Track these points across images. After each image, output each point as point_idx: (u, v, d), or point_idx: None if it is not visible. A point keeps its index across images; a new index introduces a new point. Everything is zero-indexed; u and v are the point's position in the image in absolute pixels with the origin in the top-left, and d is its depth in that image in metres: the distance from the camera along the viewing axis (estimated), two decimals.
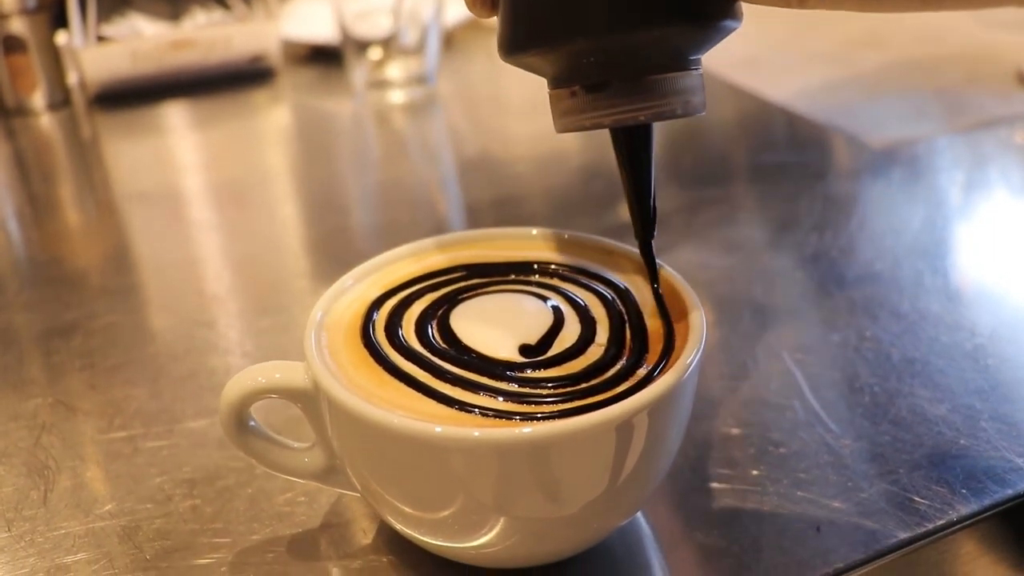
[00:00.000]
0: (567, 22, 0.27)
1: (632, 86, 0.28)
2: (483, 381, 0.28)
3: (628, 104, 0.28)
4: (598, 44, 0.27)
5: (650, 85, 0.28)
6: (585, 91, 0.28)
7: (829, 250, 0.53)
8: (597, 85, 0.28)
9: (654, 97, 0.28)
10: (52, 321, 0.52)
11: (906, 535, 0.33)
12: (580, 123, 0.29)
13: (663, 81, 0.28)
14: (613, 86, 0.28)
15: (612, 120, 0.28)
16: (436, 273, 0.34)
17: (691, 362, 0.28)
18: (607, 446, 0.27)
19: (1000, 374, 0.41)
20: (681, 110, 0.28)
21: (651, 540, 0.33)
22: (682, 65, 0.28)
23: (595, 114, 0.28)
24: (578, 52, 0.28)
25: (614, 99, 0.28)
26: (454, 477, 0.27)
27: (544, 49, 0.28)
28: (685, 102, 0.28)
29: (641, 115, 0.28)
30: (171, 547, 0.34)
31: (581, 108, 0.29)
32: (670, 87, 0.28)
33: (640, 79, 0.28)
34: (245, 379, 0.30)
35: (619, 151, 0.31)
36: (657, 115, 0.28)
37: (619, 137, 0.31)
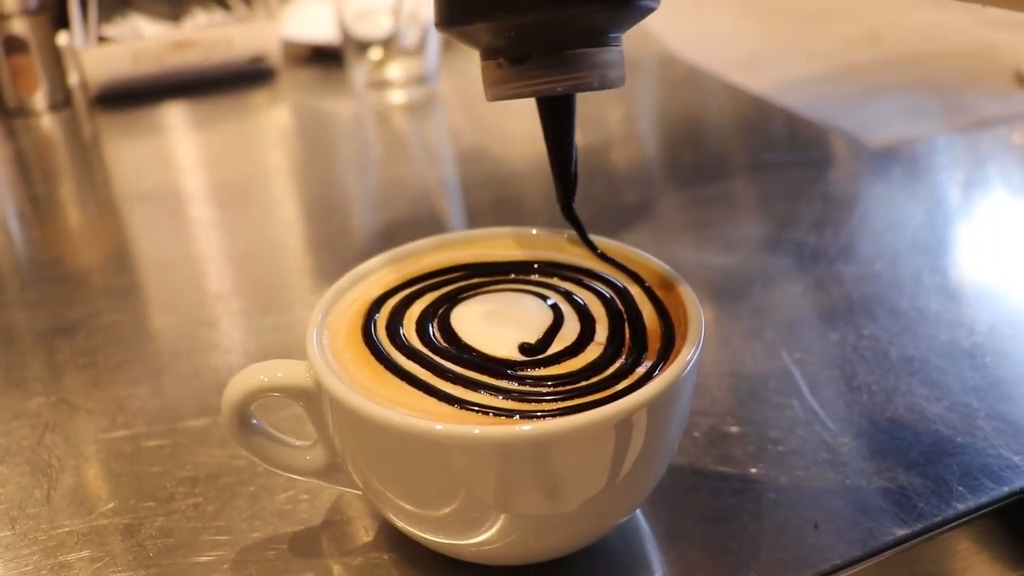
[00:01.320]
0: (495, 1, 0.29)
1: (551, 59, 0.30)
2: (483, 379, 0.29)
3: (547, 76, 0.30)
4: (520, 20, 0.29)
5: (568, 59, 0.30)
6: (509, 63, 0.31)
7: (828, 249, 0.53)
8: (519, 58, 0.30)
9: (571, 70, 0.30)
10: (54, 320, 0.52)
11: (903, 532, 0.33)
12: (504, 92, 0.31)
13: (580, 56, 0.30)
14: (533, 59, 0.30)
15: (531, 91, 0.31)
16: (437, 272, 0.35)
17: (690, 360, 0.28)
18: (606, 444, 0.27)
19: (998, 372, 0.41)
20: (598, 83, 0.31)
21: (650, 537, 0.34)
22: (600, 41, 0.30)
23: (517, 84, 0.31)
24: (502, 27, 0.30)
25: (534, 71, 0.30)
26: (455, 475, 0.27)
27: (472, 24, 0.30)
28: (602, 75, 0.31)
29: (558, 87, 0.30)
30: (173, 545, 0.34)
31: (505, 79, 0.31)
32: (587, 61, 0.30)
33: (558, 53, 0.30)
34: (247, 378, 0.31)
35: (543, 120, 0.33)
36: (574, 87, 0.31)
37: (542, 107, 0.33)
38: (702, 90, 0.90)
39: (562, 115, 0.33)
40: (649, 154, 0.78)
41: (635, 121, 0.87)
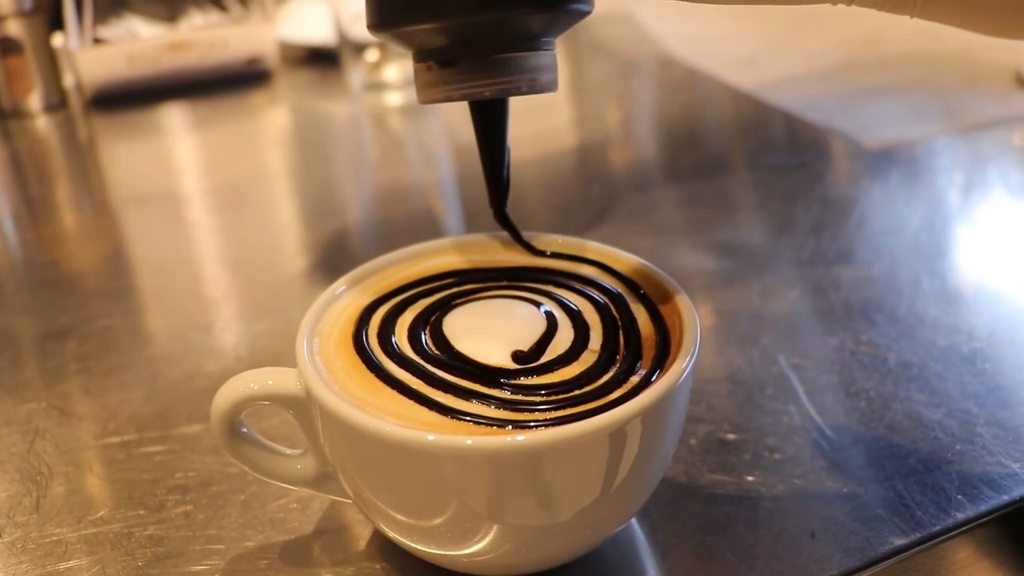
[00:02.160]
0: (420, 5, 0.29)
1: (479, 63, 0.30)
2: (476, 388, 0.28)
3: (475, 80, 0.30)
4: (448, 25, 0.29)
5: (496, 63, 0.30)
6: (439, 66, 0.31)
7: (826, 253, 0.53)
8: (449, 61, 0.30)
9: (500, 74, 0.30)
10: (47, 324, 0.52)
11: (902, 541, 0.32)
12: (434, 96, 0.31)
13: (509, 60, 0.30)
14: (462, 63, 0.30)
15: (460, 94, 0.31)
16: (430, 279, 0.34)
17: (685, 368, 0.28)
18: (600, 454, 0.27)
19: (997, 378, 0.41)
20: (527, 88, 0.31)
21: (645, 547, 0.33)
22: (530, 45, 0.30)
23: (446, 88, 0.31)
24: (431, 31, 0.30)
25: (463, 75, 0.30)
26: (447, 485, 0.27)
27: (401, 27, 0.30)
28: (531, 80, 0.31)
29: (486, 91, 0.30)
30: (164, 554, 0.34)
31: (435, 82, 0.31)
32: (516, 66, 0.30)
33: (486, 57, 0.30)
34: (237, 386, 0.30)
35: (475, 123, 0.33)
36: (502, 91, 0.31)
37: (473, 110, 0.33)
38: (701, 91, 0.90)
39: (493, 119, 0.33)
40: (647, 155, 0.77)
41: (633, 122, 0.87)
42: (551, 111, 0.87)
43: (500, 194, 0.34)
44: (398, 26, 0.30)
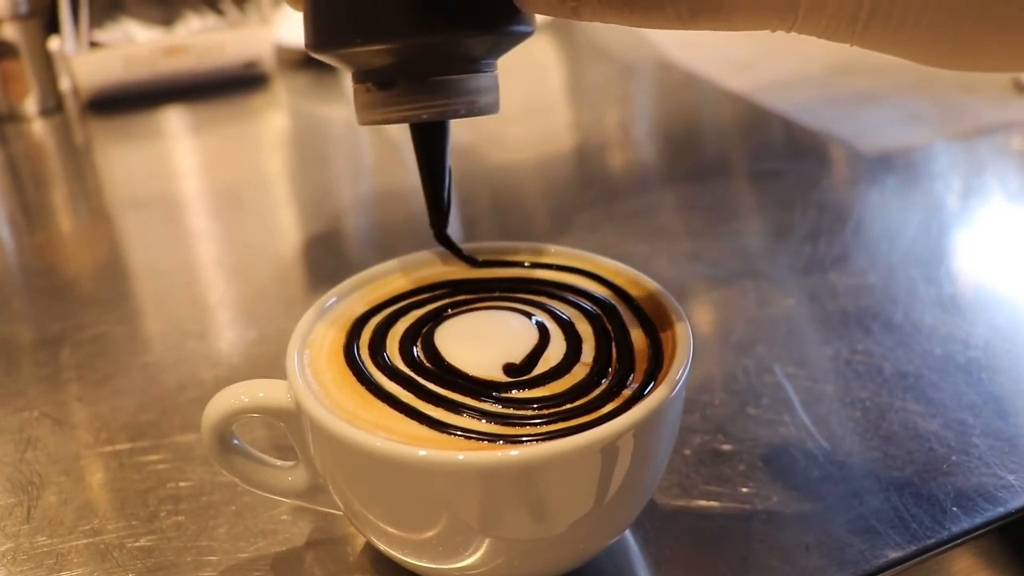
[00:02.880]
0: (356, 27, 0.29)
1: (417, 86, 0.30)
2: (467, 402, 0.28)
3: (412, 103, 0.30)
4: (384, 48, 0.29)
5: (433, 86, 0.30)
6: (377, 88, 0.30)
7: (823, 260, 0.53)
8: (387, 83, 0.30)
9: (437, 97, 0.30)
10: (41, 331, 0.52)
11: (897, 554, 0.32)
12: (372, 117, 0.31)
13: (446, 82, 0.30)
14: (400, 85, 0.30)
15: (398, 117, 0.30)
16: (422, 289, 0.34)
17: (677, 381, 0.28)
18: (592, 468, 0.27)
19: (993, 388, 0.41)
20: (464, 110, 0.30)
21: (639, 559, 0.33)
22: (469, 67, 0.30)
23: (385, 110, 0.30)
24: (368, 54, 0.29)
25: (400, 97, 0.30)
26: (438, 500, 0.27)
27: (337, 50, 0.30)
28: (469, 103, 0.30)
29: (424, 113, 0.30)
30: (155, 565, 0.34)
31: (373, 104, 0.31)
32: (454, 88, 0.30)
33: (424, 80, 0.30)
34: (227, 398, 0.30)
35: (415, 145, 0.33)
36: (440, 114, 0.30)
37: (414, 132, 0.33)
38: (698, 95, 0.90)
39: (433, 141, 0.33)
40: (644, 159, 0.77)
41: (631, 126, 0.87)
42: (549, 114, 0.87)
43: (440, 216, 0.34)
44: (334, 48, 0.30)
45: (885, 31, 0.24)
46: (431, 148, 0.33)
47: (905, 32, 0.24)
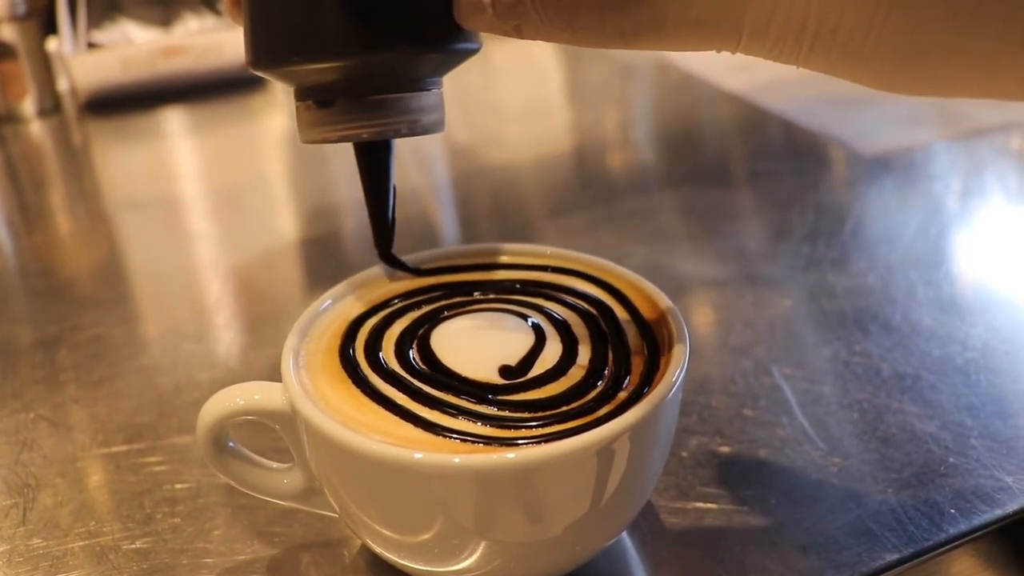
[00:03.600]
0: (295, 45, 0.28)
1: (357, 105, 0.29)
2: (463, 404, 0.28)
3: (352, 122, 0.30)
4: (324, 66, 0.28)
5: (374, 105, 0.29)
6: (317, 106, 0.30)
7: (821, 261, 0.53)
8: (327, 102, 0.30)
9: (377, 116, 0.29)
10: (38, 333, 0.52)
11: (894, 556, 0.32)
12: (312, 136, 0.30)
13: (388, 101, 0.29)
14: (340, 104, 0.29)
15: (338, 136, 0.30)
16: (418, 291, 0.34)
17: (673, 383, 0.28)
18: (588, 471, 0.27)
19: (992, 389, 0.41)
20: (407, 130, 0.30)
21: (636, 561, 0.33)
22: (411, 86, 0.30)
23: (324, 129, 0.30)
24: (306, 72, 0.29)
25: (340, 116, 0.30)
26: (433, 503, 0.27)
27: (276, 68, 0.29)
28: (412, 122, 0.30)
29: (364, 132, 0.30)
30: (151, 568, 0.34)
31: (314, 122, 0.30)
32: (395, 107, 0.29)
33: (364, 98, 0.29)
34: (222, 400, 0.30)
35: (359, 163, 0.32)
36: (380, 133, 0.30)
37: (357, 151, 0.32)
38: (697, 96, 0.90)
39: (376, 160, 0.32)
40: (643, 161, 0.77)
41: (630, 127, 0.87)
42: (548, 114, 0.86)
43: (385, 236, 0.34)
44: (273, 66, 0.29)
45: (830, 53, 0.24)
46: (374, 167, 0.32)
47: (850, 55, 0.24)
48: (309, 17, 0.28)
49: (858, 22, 0.23)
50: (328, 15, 0.28)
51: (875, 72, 0.25)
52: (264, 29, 0.29)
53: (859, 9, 0.23)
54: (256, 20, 0.29)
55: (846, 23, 0.23)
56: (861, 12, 0.23)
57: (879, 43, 0.23)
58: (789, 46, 0.24)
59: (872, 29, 0.23)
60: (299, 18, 0.28)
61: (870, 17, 0.23)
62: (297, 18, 0.28)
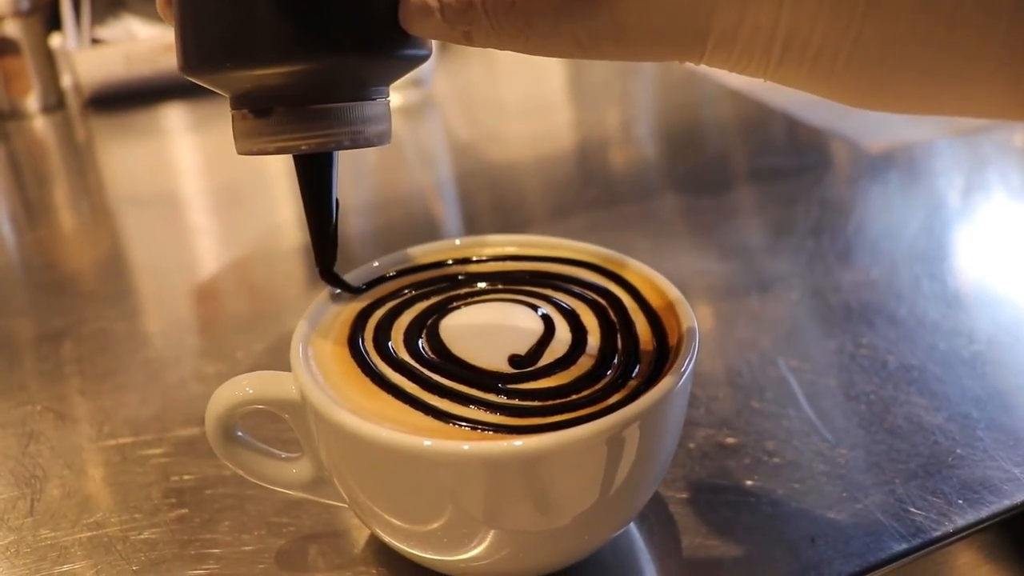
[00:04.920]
0: (227, 49, 0.26)
1: (296, 114, 0.27)
2: (472, 393, 0.28)
3: (291, 132, 0.28)
4: (258, 73, 0.26)
5: (315, 114, 0.27)
6: (254, 115, 0.28)
7: (826, 255, 0.53)
8: (263, 111, 0.28)
9: (318, 127, 0.27)
10: (42, 327, 0.52)
11: (902, 547, 0.32)
12: (248, 147, 0.28)
13: (329, 111, 0.27)
14: (278, 113, 0.27)
15: (275, 148, 0.28)
16: (426, 282, 0.34)
17: (683, 372, 0.28)
18: (598, 459, 0.27)
19: (998, 382, 0.41)
20: (349, 142, 0.28)
21: (644, 551, 0.33)
22: (355, 95, 0.28)
23: (261, 140, 0.28)
24: (240, 79, 0.27)
25: (278, 126, 0.28)
26: (443, 491, 0.27)
27: (208, 74, 0.27)
28: (355, 133, 0.28)
29: (303, 144, 0.28)
30: (158, 559, 0.34)
31: (249, 132, 0.28)
32: (337, 117, 0.28)
33: (302, 108, 0.27)
34: (232, 389, 0.30)
35: (299, 176, 0.30)
36: (320, 145, 0.28)
37: (297, 163, 0.30)
38: (700, 93, 0.90)
39: (317, 173, 0.30)
40: (647, 157, 0.77)
41: (633, 124, 0.87)
42: (550, 112, 0.86)
43: (327, 253, 0.31)
44: (205, 72, 0.27)
45: (799, 68, 0.23)
46: (315, 181, 0.30)
47: (820, 70, 0.23)
48: (243, 19, 0.26)
49: (830, 35, 0.22)
50: (264, 17, 0.25)
51: (847, 88, 0.23)
52: (195, 31, 0.27)
53: (831, 21, 0.22)
54: (187, 21, 0.27)
55: (817, 35, 0.22)
56: (833, 24, 0.22)
57: (851, 58, 0.22)
58: (756, 59, 0.23)
59: (844, 43, 0.22)
60: (232, 19, 0.26)
61: (843, 30, 0.22)
62: (230, 19, 0.26)
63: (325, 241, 0.31)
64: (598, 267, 0.34)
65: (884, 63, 0.22)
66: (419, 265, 0.35)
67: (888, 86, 0.23)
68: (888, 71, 0.23)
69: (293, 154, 0.29)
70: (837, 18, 0.22)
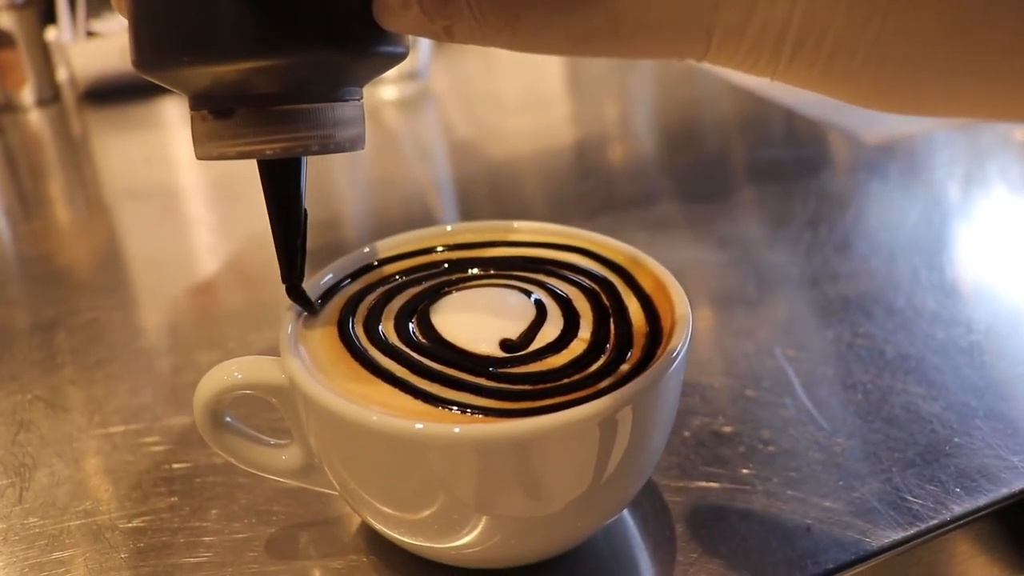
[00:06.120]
0: (183, 42, 0.24)
1: (259, 116, 0.25)
2: (463, 377, 0.28)
3: (254, 136, 0.25)
4: (217, 70, 0.24)
5: (280, 116, 0.25)
6: (214, 117, 0.25)
7: (824, 246, 0.53)
8: (224, 112, 0.25)
9: (284, 130, 0.25)
10: (35, 316, 0.51)
11: (899, 535, 0.32)
12: (208, 152, 0.26)
13: (296, 112, 0.25)
14: (239, 115, 0.25)
15: (237, 152, 0.25)
16: (418, 268, 0.34)
17: (676, 356, 0.27)
18: (590, 442, 0.26)
19: (995, 371, 0.40)
20: (318, 146, 0.26)
21: (637, 539, 0.33)
22: (325, 95, 0.26)
23: (221, 143, 0.26)
24: (198, 76, 0.24)
25: (240, 129, 0.25)
26: (434, 475, 0.26)
27: (162, 71, 0.25)
28: (324, 137, 0.26)
29: (268, 149, 0.25)
30: (147, 547, 0.33)
31: (209, 135, 0.26)
32: (305, 120, 0.25)
33: (267, 109, 0.25)
34: (220, 374, 0.30)
35: (263, 184, 0.28)
36: (287, 150, 0.25)
37: (262, 170, 0.28)
38: (699, 86, 0.89)
39: (284, 180, 0.28)
40: (645, 150, 0.77)
41: (632, 117, 0.86)
42: (549, 106, 0.86)
43: (293, 268, 0.29)
44: (159, 68, 0.25)
45: (812, 67, 0.21)
46: (281, 189, 0.28)
47: (835, 69, 0.21)
48: (201, 8, 0.23)
49: (848, 31, 0.20)
50: (224, 6, 0.23)
51: (862, 89, 0.22)
52: (149, 23, 0.25)
53: (850, 16, 0.20)
54: (140, 12, 0.25)
55: (833, 31, 0.20)
56: (852, 19, 0.20)
57: (869, 56, 0.20)
58: (765, 56, 0.21)
59: (863, 39, 0.20)
60: (189, 9, 0.24)
61: (862, 26, 0.20)
62: (187, 9, 0.24)
63: (292, 255, 0.29)
64: (591, 252, 0.34)
65: (906, 61, 0.21)
66: (411, 251, 0.35)
67: (907, 86, 0.21)
68: (909, 70, 0.21)
69: (257, 159, 0.26)
70: (857, 12, 0.20)
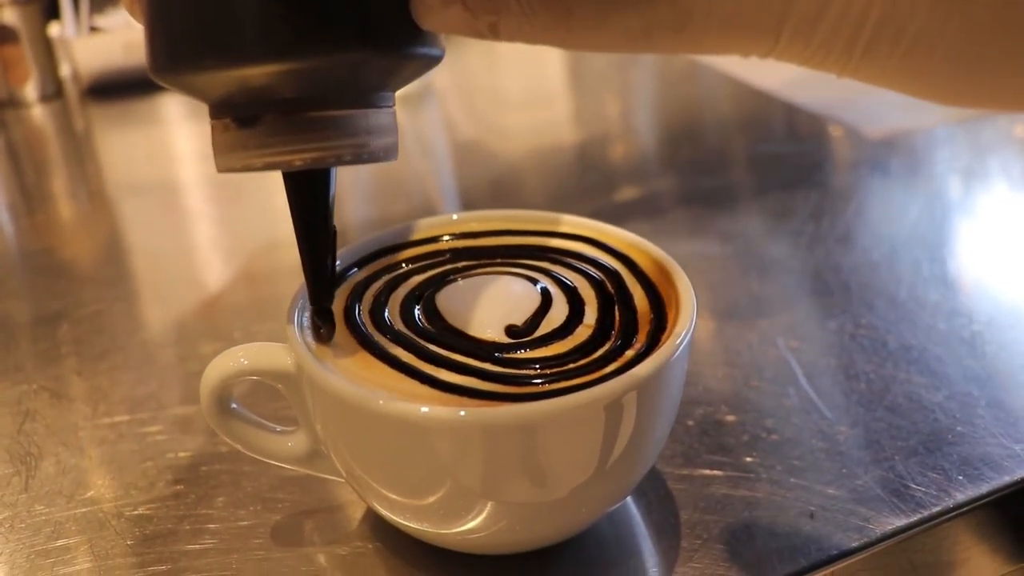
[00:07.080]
0: (204, 44, 0.22)
1: (287, 124, 0.23)
2: (469, 362, 0.28)
3: (282, 145, 0.24)
4: (243, 73, 0.22)
5: (310, 124, 0.23)
6: (237, 126, 0.24)
7: (826, 239, 0.53)
8: (249, 120, 0.24)
9: (315, 139, 0.23)
10: (39, 309, 0.51)
11: (901, 522, 0.32)
12: (231, 163, 0.24)
13: (326, 120, 0.23)
14: (266, 123, 0.23)
15: (263, 163, 0.24)
16: (424, 256, 0.34)
17: (681, 342, 0.27)
18: (595, 427, 0.26)
19: (998, 361, 0.40)
20: (351, 156, 0.24)
21: (641, 526, 0.33)
22: (357, 101, 0.24)
23: (246, 154, 0.24)
24: (219, 80, 0.23)
25: (266, 138, 0.24)
26: (439, 460, 0.27)
27: (181, 75, 0.23)
28: (358, 146, 0.24)
29: (297, 159, 0.24)
30: (153, 534, 0.34)
31: (232, 145, 0.24)
32: (336, 127, 0.24)
33: (296, 116, 0.23)
34: (227, 360, 0.30)
35: (289, 198, 0.26)
36: (318, 160, 0.24)
37: (287, 182, 0.26)
38: (701, 82, 0.89)
39: (311, 194, 0.26)
40: (647, 145, 0.77)
41: (633, 114, 0.87)
42: (551, 102, 0.86)
43: (323, 288, 0.28)
44: (177, 72, 0.23)
45: (887, 61, 0.20)
46: (310, 203, 0.26)
47: (912, 63, 0.20)
48: (225, 6, 0.22)
49: (931, 21, 0.19)
50: (249, 3, 0.22)
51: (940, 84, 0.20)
52: (166, 24, 0.23)
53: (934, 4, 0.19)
54: (157, 15, 0.23)
55: (916, 22, 0.19)
56: (936, 8, 0.19)
57: (951, 51, 0.19)
58: (838, 50, 0.20)
59: (947, 30, 0.19)
60: (212, 8, 0.22)
61: (945, 18, 0.19)
62: (209, 8, 0.22)
63: (321, 273, 0.27)
64: (596, 241, 0.34)
65: (991, 54, 0.19)
66: (416, 239, 0.35)
67: (991, 80, 0.20)
68: (994, 63, 0.20)
69: (284, 171, 0.25)
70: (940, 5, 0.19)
